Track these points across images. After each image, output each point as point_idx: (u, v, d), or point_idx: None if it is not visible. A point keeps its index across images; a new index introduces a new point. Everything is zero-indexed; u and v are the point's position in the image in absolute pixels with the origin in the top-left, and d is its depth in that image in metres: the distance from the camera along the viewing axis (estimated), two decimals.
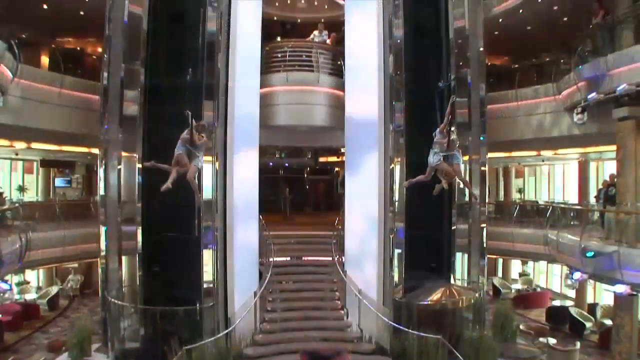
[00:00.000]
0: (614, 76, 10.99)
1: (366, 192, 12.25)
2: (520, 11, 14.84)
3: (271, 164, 20.42)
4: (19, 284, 18.13)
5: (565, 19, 15.00)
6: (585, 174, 18.13)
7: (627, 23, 11.49)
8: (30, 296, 17.74)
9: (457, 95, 11.95)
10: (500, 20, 15.34)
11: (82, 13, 14.52)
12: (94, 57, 16.09)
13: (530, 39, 16.31)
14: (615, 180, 12.16)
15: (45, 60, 15.35)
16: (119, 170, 11.68)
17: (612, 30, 11.84)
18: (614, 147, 12.27)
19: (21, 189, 18.64)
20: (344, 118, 12.51)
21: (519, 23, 15.44)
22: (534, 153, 17.32)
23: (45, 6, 14.24)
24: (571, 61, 13.57)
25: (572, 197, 19.12)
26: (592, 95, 11.92)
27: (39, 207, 17.27)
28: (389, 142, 12.14)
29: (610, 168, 15.58)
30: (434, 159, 8.29)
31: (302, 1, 15.40)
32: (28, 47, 13.77)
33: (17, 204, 15.15)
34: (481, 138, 12.96)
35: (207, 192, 11.33)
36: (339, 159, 19.29)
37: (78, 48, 17.10)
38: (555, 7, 14.57)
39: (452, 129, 8.31)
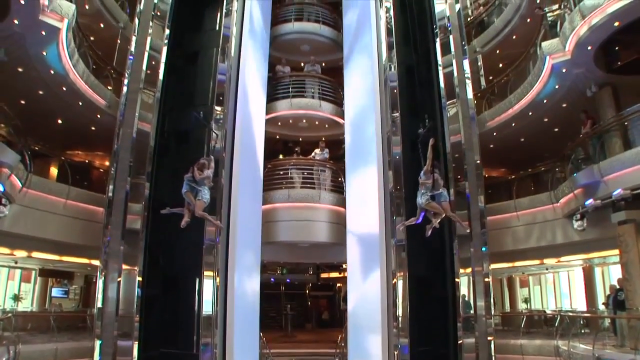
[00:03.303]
0: (608, 182, 11.24)
1: (369, 308, 12.03)
2: (513, 124, 15.37)
3: (273, 279, 20.29)
4: None
5: (556, 129, 15.49)
6: (591, 280, 17.86)
7: (614, 131, 11.95)
8: None
9: (457, 207, 12.23)
10: (495, 133, 15.86)
11: (93, 128, 15.13)
12: (101, 170, 16.49)
13: (524, 150, 16.76)
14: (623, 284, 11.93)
15: (54, 171, 15.71)
16: (119, 282, 11.54)
17: (601, 138, 12.26)
18: (617, 252, 12.21)
19: (16, 297, 18.27)
20: (346, 234, 12.63)
21: (513, 135, 15.92)
22: (537, 262, 17.14)
23: (60, 121, 14.86)
24: (566, 169, 13.87)
25: (580, 304, 18.66)
26: (589, 201, 12.08)
27: (32, 318, 16.78)
28: (391, 257, 12.09)
29: (615, 272, 15.38)
30: (422, 199, 8.60)
31: (304, 121, 16.10)
32: (39, 158, 14.19)
33: (9, 314, 14.73)
34: (483, 249, 12.90)
35: (207, 308, 11.17)
36: (341, 275, 19.23)
37: (86, 161, 17.58)
38: (546, 119, 15.10)
39: (436, 169, 8.71)
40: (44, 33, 10.85)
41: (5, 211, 11.34)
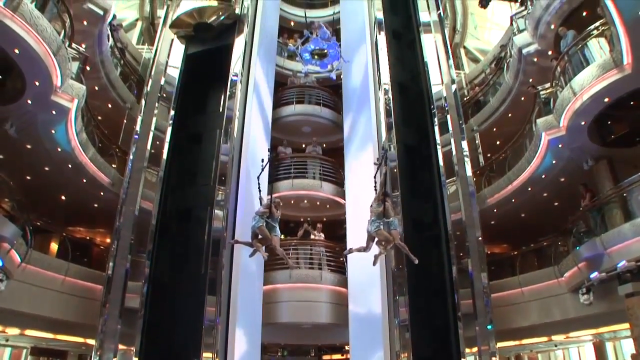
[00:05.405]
0: (612, 254, 11.06)
1: None
2: (513, 200, 15.45)
3: None
4: None
5: (556, 203, 15.50)
6: (603, 355, 17.17)
7: (613, 203, 11.93)
8: None
9: (460, 285, 12.08)
10: (495, 210, 15.89)
11: (95, 205, 15.25)
12: (102, 247, 16.44)
13: (526, 225, 16.71)
14: None
15: (54, 247, 15.63)
16: None
17: (601, 210, 12.22)
18: (627, 325, 11.81)
19: None
20: (348, 314, 12.45)
21: (513, 211, 15.95)
22: (545, 338, 16.62)
23: (63, 197, 14.98)
24: (568, 243, 13.73)
25: None
26: (594, 274, 11.81)
27: None
28: (395, 337, 11.80)
29: (628, 347, 14.85)
30: (371, 226, 8.30)
31: (305, 201, 16.27)
32: (40, 234, 14.12)
33: None
34: (488, 327, 12.60)
35: None
36: (344, 357, 18.58)
37: (87, 238, 17.57)
38: (545, 194, 15.17)
39: (388, 198, 8.47)
40: (54, 112, 11.24)
41: (1, 287, 11.19)
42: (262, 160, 9.18)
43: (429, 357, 11.92)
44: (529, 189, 14.95)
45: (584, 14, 12.93)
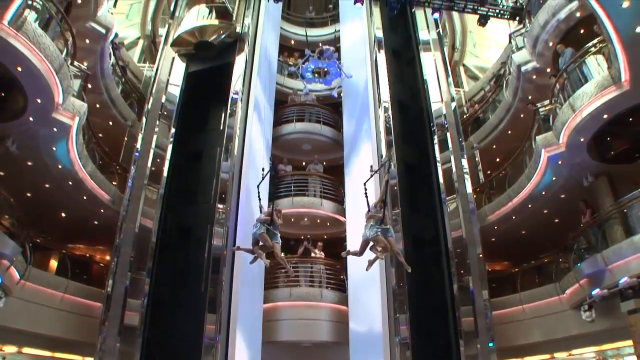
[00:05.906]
0: (613, 270, 11.03)
1: None
2: (513, 217, 15.41)
3: None
4: None
5: (556, 220, 15.46)
6: None
7: (614, 219, 11.91)
8: None
9: (461, 303, 12.02)
10: (496, 227, 15.83)
11: (95, 223, 15.23)
12: (101, 264, 16.38)
13: (526, 242, 16.64)
14: None
15: (54, 264, 15.57)
16: None
17: (602, 227, 12.21)
18: (630, 342, 11.66)
19: None
20: (348, 332, 12.37)
21: (514, 228, 15.89)
22: (547, 356, 16.45)
23: (63, 214, 14.96)
24: (569, 259, 13.67)
25: None
26: (596, 291, 11.76)
27: None
28: (396, 356, 11.66)
29: None
30: (370, 232, 8.31)
31: (306, 219, 16.28)
32: (40, 251, 14.09)
33: None
34: (490, 345, 12.50)
35: None
36: None
37: (87, 255, 17.52)
38: (546, 211, 15.13)
39: (385, 205, 8.50)
40: (55, 130, 11.28)
41: (0, 304, 11.13)
42: (263, 170, 9.21)
43: None
44: (529, 205, 14.91)
45: (582, 31, 13.04)
